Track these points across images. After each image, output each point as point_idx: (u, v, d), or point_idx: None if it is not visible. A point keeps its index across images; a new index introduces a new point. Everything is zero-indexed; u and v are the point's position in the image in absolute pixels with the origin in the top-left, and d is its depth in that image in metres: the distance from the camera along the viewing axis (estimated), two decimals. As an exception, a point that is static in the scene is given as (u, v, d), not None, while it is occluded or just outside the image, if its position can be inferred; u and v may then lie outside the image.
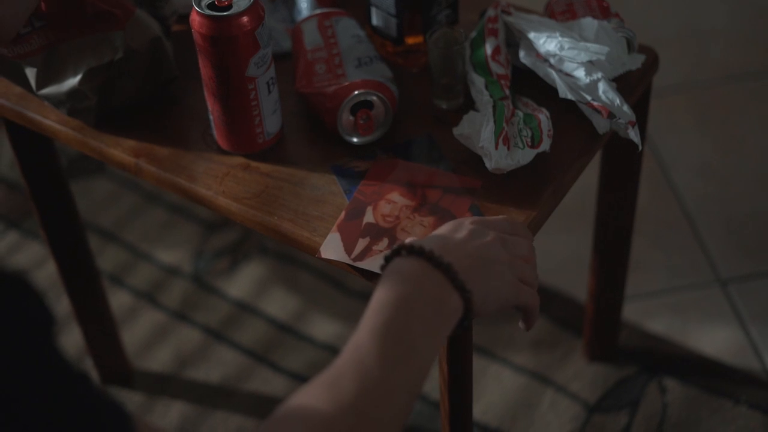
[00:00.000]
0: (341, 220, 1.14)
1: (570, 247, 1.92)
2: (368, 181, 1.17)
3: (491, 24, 1.27)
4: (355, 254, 1.11)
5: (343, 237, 1.12)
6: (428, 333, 0.90)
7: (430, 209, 1.13)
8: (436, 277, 0.92)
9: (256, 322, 1.85)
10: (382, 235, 1.12)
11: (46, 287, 1.92)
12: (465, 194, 1.15)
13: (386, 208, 1.14)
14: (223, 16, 1.12)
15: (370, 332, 0.87)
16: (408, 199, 1.14)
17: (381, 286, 0.91)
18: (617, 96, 1.19)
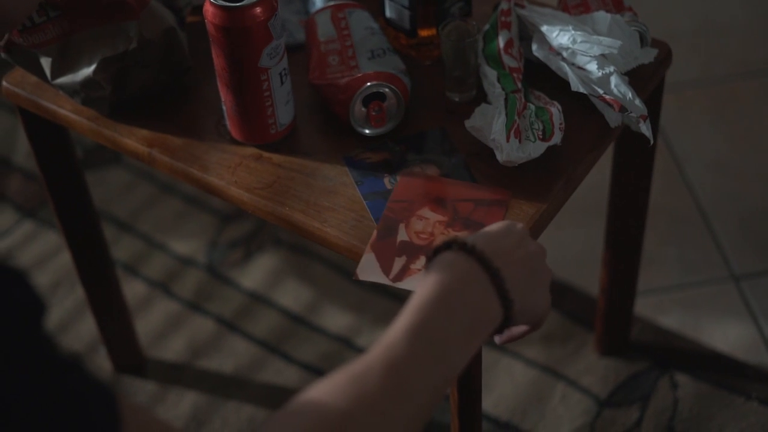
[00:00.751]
0: (374, 239, 1.11)
1: (582, 241, 1.92)
2: (396, 198, 1.15)
3: (504, 17, 1.27)
4: (393, 274, 1.09)
5: (379, 257, 1.10)
6: (464, 339, 0.87)
7: (463, 223, 1.11)
8: (482, 281, 0.89)
9: (269, 313, 1.86)
10: (419, 253, 1.10)
11: (61, 276, 1.93)
12: (496, 206, 1.13)
13: (419, 225, 1.12)
14: (236, 6, 1.13)
15: (406, 332, 0.84)
16: (440, 214, 1.12)
17: (426, 280, 0.88)
18: (629, 90, 1.19)
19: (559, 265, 1.89)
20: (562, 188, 1.18)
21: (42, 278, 1.95)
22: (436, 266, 0.90)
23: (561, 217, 1.24)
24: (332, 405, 0.80)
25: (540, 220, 1.15)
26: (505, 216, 1.13)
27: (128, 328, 1.75)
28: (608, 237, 1.59)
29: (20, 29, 1.23)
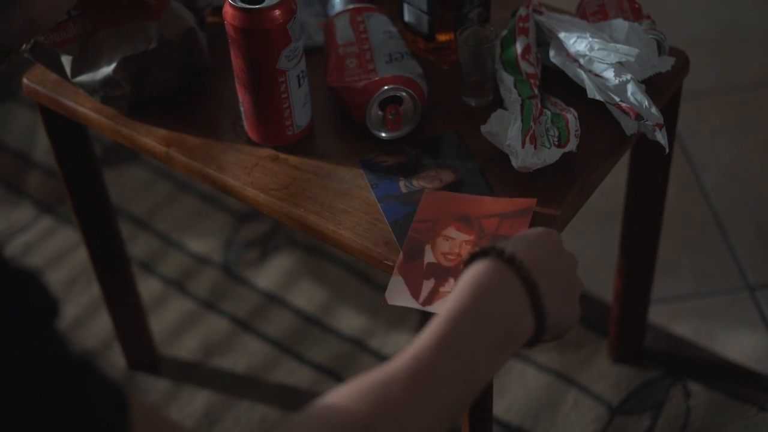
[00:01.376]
0: (401, 262, 1.10)
1: (598, 247, 1.92)
2: (420, 218, 1.14)
3: (522, 23, 1.28)
4: (423, 298, 1.07)
5: (407, 281, 1.09)
6: (493, 353, 0.86)
7: (490, 241, 1.08)
8: (519, 293, 0.87)
9: (283, 314, 1.87)
10: (447, 275, 1.08)
11: (78, 273, 1.94)
12: (521, 216, 1.12)
13: (445, 246, 1.11)
14: (255, 9, 1.14)
15: (436, 343, 0.83)
16: (466, 233, 1.11)
17: (460, 289, 0.87)
18: (645, 98, 1.19)
19: (574, 271, 1.89)
20: (577, 195, 1.18)
21: (59, 274, 1.96)
22: (472, 274, 0.88)
23: (576, 222, 1.25)
24: (353, 411, 0.79)
25: (554, 226, 1.15)
26: (531, 224, 1.12)
27: (143, 325, 1.76)
28: (623, 244, 1.59)
29: (41, 27, 1.24)
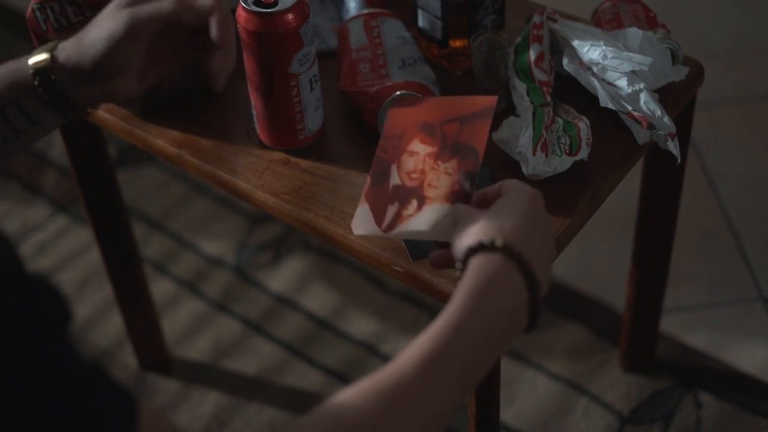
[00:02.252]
0: (368, 187, 1.08)
1: (610, 255, 1.92)
2: (387, 134, 1.11)
3: (536, 30, 1.27)
4: (385, 224, 1.05)
5: (373, 207, 1.07)
6: (495, 353, 0.88)
7: (451, 150, 1.06)
8: (520, 290, 0.88)
9: (294, 317, 1.87)
10: (410, 197, 1.06)
11: (91, 272, 1.95)
12: (482, 118, 1.07)
13: (410, 163, 1.08)
14: (268, 12, 1.14)
15: (443, 346, 0.83)
16: (429, 145, 1.08)
17: (467, 290, 0.87)
18: (658, 107, 1.18)
19: (585, 278, 1.89)
20: (588, 204, 1.18)
21: (72, 273, 1.97)
22: (475, 273, 0.87)
23: (588, 230, 1.24)
24: (361, 412, 0.80)
25: (564, 235, 1.15)
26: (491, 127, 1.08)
27: (154, 325, 1.77)
28: (635, 253, 1.58)
29: (56, 28, 1.25)
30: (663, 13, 1.34)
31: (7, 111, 1.03)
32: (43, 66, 1.02)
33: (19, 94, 1.03)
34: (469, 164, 1.03)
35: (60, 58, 1.03)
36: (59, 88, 1.02)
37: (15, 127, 1.03)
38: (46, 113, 1.04)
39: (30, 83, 1.03)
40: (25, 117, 1.03)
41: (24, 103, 1.03)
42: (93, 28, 1.03)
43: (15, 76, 1.03)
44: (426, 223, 1.01)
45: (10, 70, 1.04)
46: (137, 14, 1.01)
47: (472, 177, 1.02)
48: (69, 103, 1.04)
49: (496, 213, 0.92)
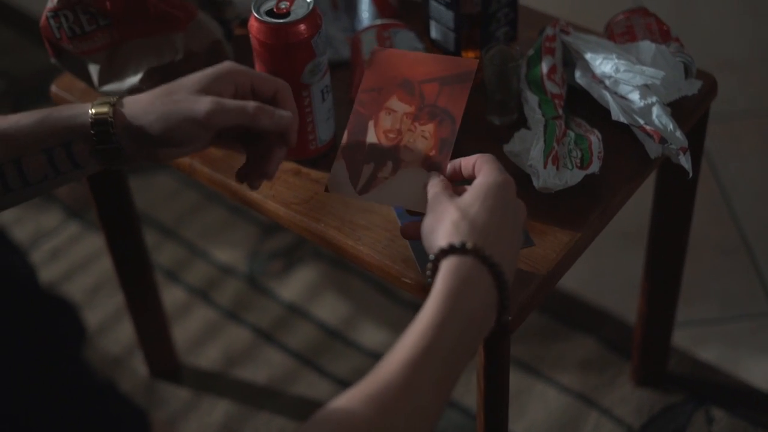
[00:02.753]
0: (345, 142, 1.10)
1: (622, 268, 1.91)
2: (366, 87, 1.12)
3: (549, 43, 1.27)
4: (360, 186, 1.08)
5: (349, 165, 1.09)
6: (472, 349, 0.92)
7: (429, 113, 1.09)
8: (491, 291, 0.92)
9: (305, 326, 1.87)
10: (386, 158, 1.08)
11: (104, 279, 1.95)
12: (461, 82, 1.09)
13: (387, 122, 1.10)
14: (280, 23, 1.14)
15: (424, 350, 0.87)
16: (407, 104, 1.10)
17: (441, 294, 0.90)
18: (670, 121, 1.18)
19: (597, 291, 1.88)
20: (599, 217, 1.17)
21: (84, 280, 1.97)
22: (448, 277, 0.91)
23: (600, 242, 1.24)
24: (357, 414, 0.83)
25: (574, 248, 1.14)
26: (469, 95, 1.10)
27: (165, 334, 1.77)
28: (647, 266, 1.58)
29: (70, 36, 1.25)
30: (677, 24, 1.33)
31: (54, 152, 1.04)
32: (104, 118, 1.03)
33: (71, 138, 1.04)
34: (446, 130, 1.06)
35: (125, 114, 1.04)
36: (114, 141, 1.04)
37: (57, 168, 1.04)
38: (92, 160, 1.05)
39: (86, 131, 1.04)
40: (70, 160, 1.04)
41: (73, 147, 1.04)
42: (166, 98, 1.04)
43: (71, 121, 1.04)
44: (400, 194, 1.05)
45: (68, 114, 1.05)
46: (222, 107, 1.02)
47: (448, 144, 1.06)
48: (118, 156, 1.05)
49: (467, 208, 0.95)
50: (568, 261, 1.15)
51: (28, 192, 1.05)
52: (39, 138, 1.03)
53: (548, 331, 1.83)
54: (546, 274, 1.12)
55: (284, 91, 1.06)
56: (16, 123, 1.04)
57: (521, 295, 1.10)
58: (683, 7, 2.50)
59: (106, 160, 1.05)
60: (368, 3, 1.39)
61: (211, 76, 1.04)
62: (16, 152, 1.03)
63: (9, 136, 1.03)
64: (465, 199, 0.96)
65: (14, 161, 1.03)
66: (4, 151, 1.03)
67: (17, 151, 1.03)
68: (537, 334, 1.82)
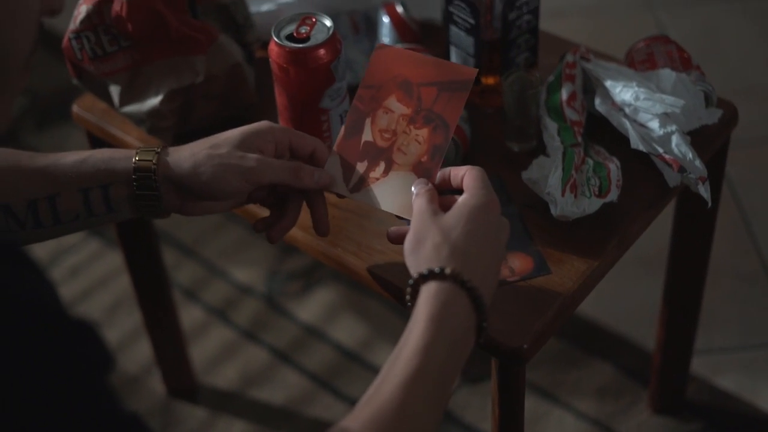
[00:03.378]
0: (341, 138, 1.12)
1: (642, 294, 1.90)
2: (366, 84, 1.13)
3: (569, 69, 1.27)
4: (352, 183, 1.10)
5: (343, 161, 1.11)
6: (457, 369, 0.93)
7: (425, 117, 1.10)
8: (469, 315, 0.93)
9: (323, 347, 1.87)
10: (379, 159, 1.10)
11: (123, 296, 1.96)
12: (459, 90, 1.10)
13: (383, 121, 1.11)
14: (300, 47, 1.14)
15: (413, 375, 0.88)
16: (404, 105, 1.11)
17: (424, 321, 0.92)
18: (690, 150, 1.18)
19: (616, 317, 1.87)
20: (616, 246, 1.17)
21: (104, 297, 1.98)
22: (429, 302, 0.92)
23: (619, 267, 1.23)
24: None
25: (591, 277, 1.14)
26: (466, 104, 1.12)
27: (183, 353, 1.77)
28: (666, 293, 1.57)
29: (91, 57, 1.26)
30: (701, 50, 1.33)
31: (91, 193, 1.05)
32: (147, 166, 1.05)
33: (111, 181, 1.05)
34: (439, 137, 1.08)
35: (169, 162, 1.05)
36: (154, 188, 1.05)
37: (91, 209, 1.06)
38: (126, 207, 1.07)
39: (127, 176, 1.05)
40: (105, 203, 1.06)
41: (111, 190, 1.05)
42: (212, 150, 1.05)
43: (113, 164, 1.05)
44: (389, 198, 1.07)
45: (110, 156, 1.06)
46: (268, 164, 1.05)
47: (440, 151, 1.07)
48: (154, 205, 1.06)
49: (449, 231, 0.96)
50: (585, 289, 1.14)
51: (57, 230, 1.06)
52: (78, 177, 1.05)
53: (566, 356, 1.82)
54: (562, 303, 1.11)
55: (321, 150, 1.09)
56: (57, 161, 1.06)
57: (537, 323, 1.09)
58: (707, 32, 2.49)
59: (141, 208, 1.06)
60: (389, 27, 1.40)
61: (253, 133, 1.07)
62: (53, 189, 1.05)
63: (48, 173, 1.05)
64: (448, 220, 0.97)
65: (49, 198, 1.05)
66: (41, 187, 1.05)
67: (54, 188, 1.05)
68: (554, 360, 1.81)
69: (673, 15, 2.54)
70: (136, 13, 1.20)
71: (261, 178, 1.05)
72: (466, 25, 1.28)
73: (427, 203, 1.00)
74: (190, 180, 1.05)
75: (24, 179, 1.05)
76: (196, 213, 1.09)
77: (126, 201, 1.06)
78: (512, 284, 1.14)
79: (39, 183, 1.05)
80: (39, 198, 1.05)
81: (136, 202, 1.06)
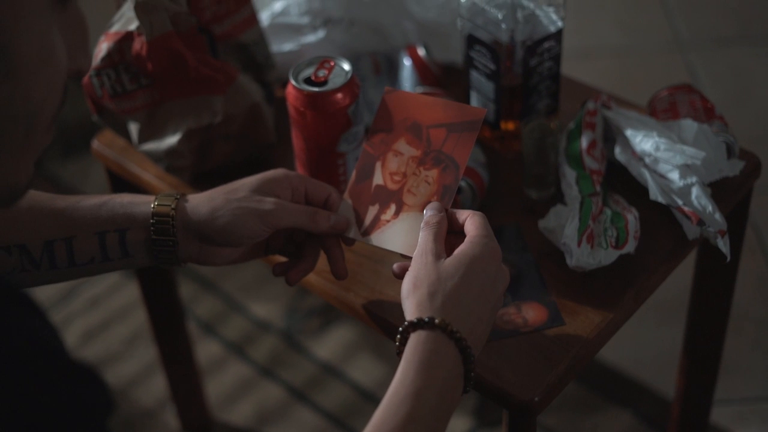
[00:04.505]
0: (352, 182, 1.12)
1: (663, 338, 1.87)
2: (377, 126, 1.13)
3: (590, 117, 1.26)
4: (364, 227, 1.10)
5: (356, 204, 1.11)
6: (448, 415, 0.93)
7: (434, 159, 1.10)
8: (457, 364, 0.93)
9: (339, 386, 1.85)
10: (390, 201, 1.10)
11: (141, 329, 1.96)
12: (468, 130, 1.09)
13: (393, 164, 1.11)
14: (317, 91, 1.14)
15: (409, 418, 0.89)
16: (414, 147, 1.11)
17: (412, 369, 0.92)
18: (710, 202, 1.16)
19: (635, 364, 1.85)
20: (632, 298, 1.15)
21: (122, 329, 1.98)
22: (416, 350, 0.92)
23: (642, 313, 1.21)
24: None
25: (606, 329, 1.12)
26: (475, 141, 1.12)
27: (198, 388, 1.76)
28: (686, 342, 1.54)
29: (111, 95, 1.26)
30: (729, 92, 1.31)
31: (108, 237, 1.05)
32: (165, 211, 1.05)
33: (128, 226, 1.05)
34: (449, 177, 1.08)
35: (187, 208, 1.05)
36: (171, 234, 1.05)
37: (107, 253, 1.06)
38: (142, 252, 1.06)
39: (145, 221, 1.05)
40: (121, 248, 1.06)
41: (128, 235, 1.05)
42: (230, 195, 1.06)
43: (132, 208, 1.06)
44: (399, 239, 1.07)
45: (129, 201, 1.07)
46: (285, 209, 1.06)
47: (450, 191, 1.07)
48: (170, 252, 1.06)
49: (445, 280, 0.96)
50: (600, 342, 1.13)
51: (72, 272, 1.06)
52: (96, 220, 1.05)
53: (584, 402, 1.80)
54: (575, 356, 1.10)
55: (335, 197, 1.10)
56: (77, 203, 1.06)
57: (549, 376, 1.08)
58: (738, 75, 2.47)
59: (158, 255, 1.06)
60: (410, 69, 1.39)
61: (269, 179, 1.08)
62: (70, 231, 1.05)
63: (66, 215, 1.05)
64: (447, 268, 0.97)
65: (66, 240, 1.05)
66: (58, 229, 1.05)
67: (72, 230, 1.05)
68: (572, 404, 1.79)
69: (704, 57, 2.53)
70: (155, 52, 1.20)
71: (278, 222, 1.06)
72: (486, 71, 1.28)
73: (432, 242, 1.00)
74: (207, 225, 1.05)
75: (42, 220, 1.05)
76: (214, 262, 1.09)
77: (143, 246, 1.06)
78: (525, 335, 1.12)
79: (56, 224, 1.05)
80: (55, 239, 1.05)
81: (152, 248, 1.06)
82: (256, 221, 1.04)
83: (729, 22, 2.65)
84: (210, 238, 1.06)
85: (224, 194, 1.06)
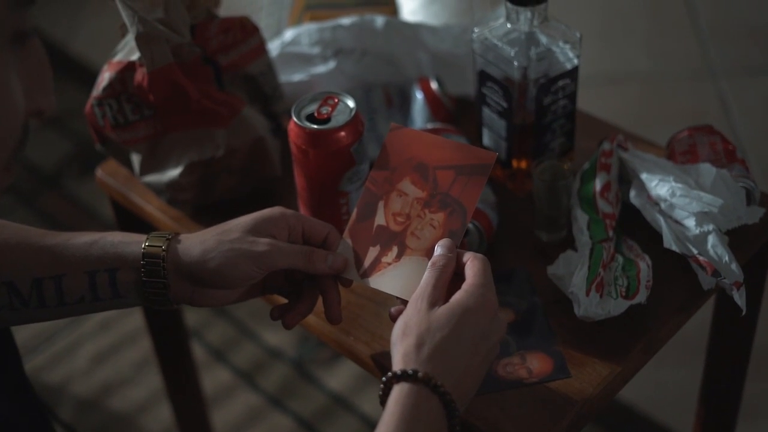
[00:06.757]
0: (353, 221, 1.07)
1: (682, 381, 1.82)
2: (381, 164, 1.08)
3: (605, 158, 1.22)
4: (364, 268, 1.05)
5: (356, 244, 1.06)
6: None
7: (440, 202, 1.05)
8: (441, 419, 0.91)
9: (349, 419, 1.82)
10: (392, 243, 1.05)
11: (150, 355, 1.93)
12: (477, 174, 1.05)
13: (397, 204, 1.06)
14: (320, 129, 1.10)
15: None
16: (419, 188, 1.06)
17: (393, 421, 0.89)
18: (726, 252, 1.11)
19: (655, 405, 1.80)
20: (642, 351, 1.11)
21: (132, 354, 1.95)
22: (400, 398, 0.90)
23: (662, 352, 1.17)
24: None
25: (613, 383, 1.08)
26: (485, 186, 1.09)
27: (204, 418, 1.73)
28: (703, 388, 1.49)
29: (113, 125, 1.23)
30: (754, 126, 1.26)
31: (98, 276, 1.02)
32: (156, 252, 1.02)
33: (118, 266, 1.02)
34: (456, 222, 1.04)
35: (178, 249, 1.02)
36: (162, 276, 1.01)
37: (96, 293, 1.02)
38: (133, 293, 1.03)
39: (135, 262, 1.02)
40: (111, 288, 1.02)
41: (118, 275, 1.02)
42: (223, 236, 1.02)
43: (122, 248, 1.02)
44: (399, 283, 1.03)
45: (120, 240, 1.03)
46: (280, 249, 1.02)
47: (456, 236, 1.03)
48: (161, 294, 1.03)
49: (435, 331, 0.93)
50: (607, 395, 1.08)
51: (61, 311, 1.03)
52: (86, 258, 1.02)
53: (600, 443, 1.75)
54: (579, 410, 1.05)
55: (334, 236, 1.06)
56: (67, 240, 1.03)
57: (553, 430, 1.04)
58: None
59: (148, 297, 1.03)
60: (422, 103, 1.36)
61: (265, 219, 1.04)
62: (60, 269, 1.02)
63: (56, 252, 1.02)
64: (439, 318, 0.94)
65: (55, 278, 1.02)
66: (47, 266, 1.02)
67: (61, 268, 1.02)
68: None
69: (735, 85, 2.47)
70: (157, 84, 1.17)
71: (273, 263, 1.02)
72: (498, 108, 1.24)
73: (432, 287, 0.96)
74: (198, 267, 1.01)
75: (31, 256, 1.02)
76: (208, 304, 1.05)
77: (133, 287, 1.02)
78: (529, 386, 1.08)
79: (45, 262, 1.02)
80: (44, 277, 1.02)
81: (142, 290, 1.03)
82: (248, 263, 1.01)
83: (762, 50, 2.59)
84: (202, 281, 1.02)
85: (216, 235, 1.02)
